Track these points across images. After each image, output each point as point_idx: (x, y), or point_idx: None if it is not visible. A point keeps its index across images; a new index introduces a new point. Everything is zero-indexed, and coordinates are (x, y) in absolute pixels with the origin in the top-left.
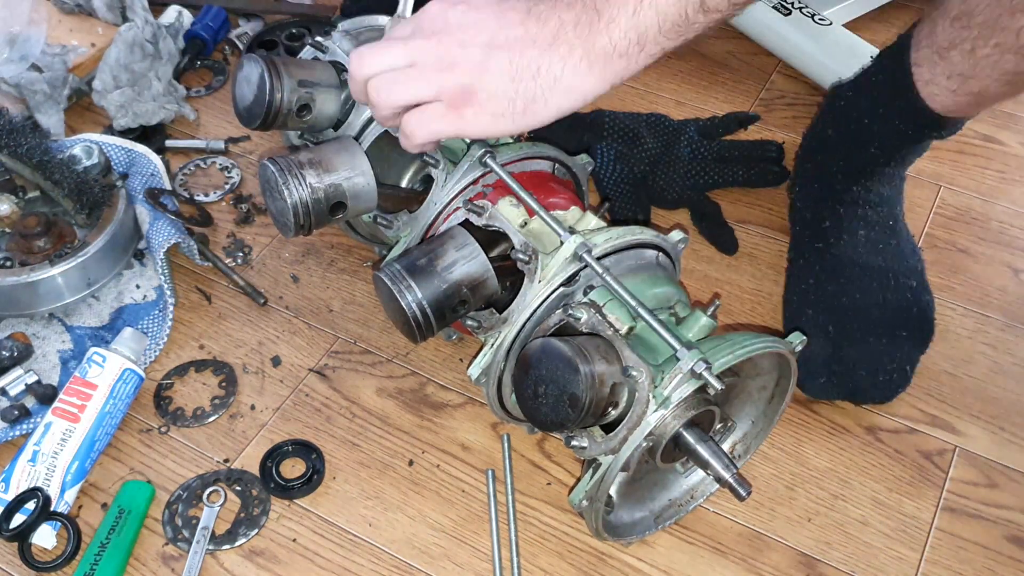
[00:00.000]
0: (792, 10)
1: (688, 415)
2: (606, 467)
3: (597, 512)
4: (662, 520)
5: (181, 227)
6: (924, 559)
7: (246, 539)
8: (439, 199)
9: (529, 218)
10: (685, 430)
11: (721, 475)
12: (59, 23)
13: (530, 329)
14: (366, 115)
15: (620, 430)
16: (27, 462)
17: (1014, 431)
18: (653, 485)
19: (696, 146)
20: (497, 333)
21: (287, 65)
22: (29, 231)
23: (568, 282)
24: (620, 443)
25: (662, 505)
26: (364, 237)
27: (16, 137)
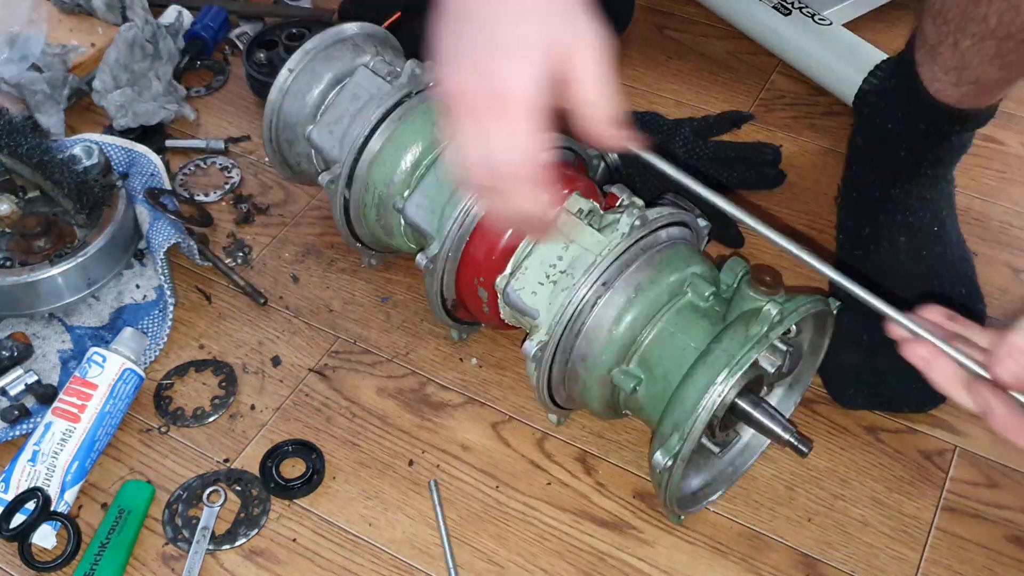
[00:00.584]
0: (792, 10)
1: (744, 381)
2: (690, 425)
3: (677, 475)
4: (700, 498)
5: (181, 227)
6: (924, 559)
7: (246, 539)
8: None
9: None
10: (739, 398)
11: (780, 435)
12: (59, 23)
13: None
14: None
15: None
16: (27, 462)
17: None
18: (690, 466)
19: (691, 146)
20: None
21: None
22: (29, 231)
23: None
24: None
25: (700, 483)
26: (363, 244)
27: (16, 137)
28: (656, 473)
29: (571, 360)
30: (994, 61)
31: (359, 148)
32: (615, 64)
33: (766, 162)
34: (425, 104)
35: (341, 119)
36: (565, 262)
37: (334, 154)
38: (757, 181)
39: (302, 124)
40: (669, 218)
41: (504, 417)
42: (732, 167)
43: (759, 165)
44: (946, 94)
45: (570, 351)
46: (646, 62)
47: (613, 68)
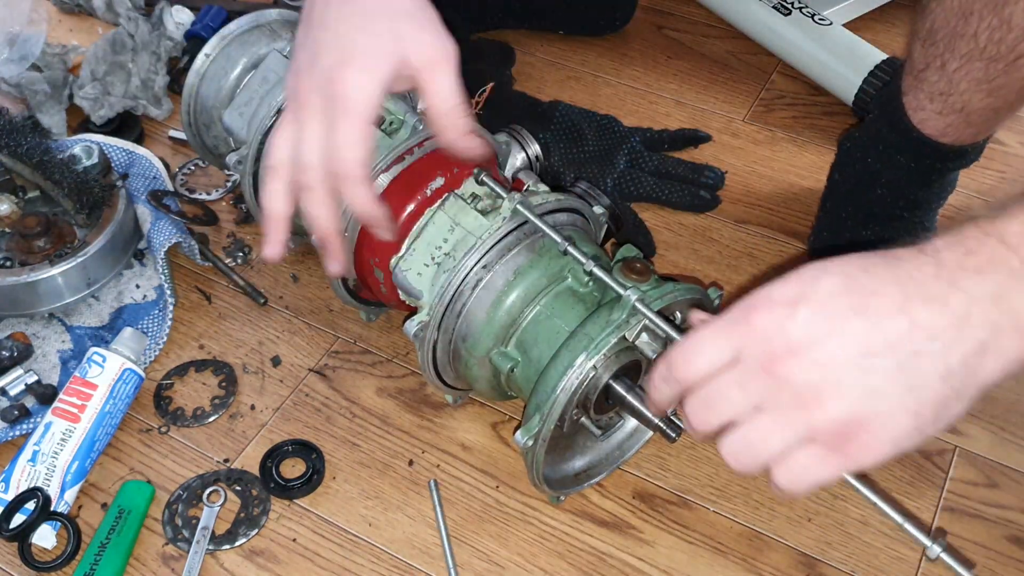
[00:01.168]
0: (792, 10)
1: (615, 365)
2: (549, 407)
3: (540, 456)
4: (581, 481)
5: (182, 227)
6: (924, 559)
7: (246, 539)
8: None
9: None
10: (615, 381)
11: (651, 419)
12: (59, 23)
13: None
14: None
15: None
16: (27, 462)
17: (1014, 431)
18: (572, 449)
19: (635, 156)
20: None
21: None
22: (29, 231)
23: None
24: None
25: (579, 467)
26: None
27: (16, 137)
28: (521, 453)
29: (453, 340)
30: (981, 85)
31: (265, 129)
32: (618, 65)
33: (704, 185)
34: None
35: (251, 102)
36: (449, 244)
37: (243, 135)
38: (688, 202)
39: (217, 108)
40: (555, 204)
41: (504, 417)
42: (669, 183)
43: (696, 186)
44: (930, 125)
45: (452, 331)
46: (646, 62)
47: (460, 79)
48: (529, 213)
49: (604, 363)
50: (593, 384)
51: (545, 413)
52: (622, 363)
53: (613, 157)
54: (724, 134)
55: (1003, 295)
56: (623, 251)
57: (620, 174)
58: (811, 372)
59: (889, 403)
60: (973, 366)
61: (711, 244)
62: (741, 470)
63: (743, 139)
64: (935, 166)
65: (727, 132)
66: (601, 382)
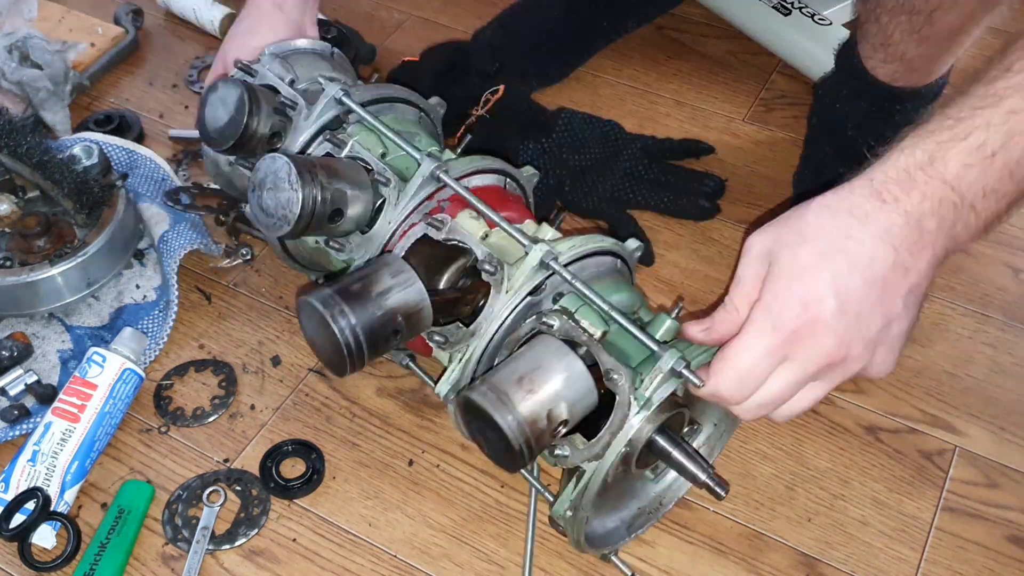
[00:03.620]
0: (792, 10)
1: (662, 418)
2: (591, 474)
3: (580, 522)
4: (634, 528)
5: (202, 228)
6: (924, 559)
7: (246, 539)
8: (393, 217)
9: (489, 230)
10: (658, 434)
11: (698, 476)
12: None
13: (499, 340)
14: (303, 138)
15: (603, 435)
16: (27, 462)
17: (1014, 431)
18: (622, 494)
19: (635, 163)
20: (465, 347)
21: (265, 93)
22: (29, 231)
23: (535, 291)
24: (603, 448)
25: (632, 514)
26: (300, 264)
27: (16, 137)
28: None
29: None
30: (911, 35)
31: None
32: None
33: (704, 194)
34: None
35: None
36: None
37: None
38: (687, 210)
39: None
40: (587, 249)
41: None
42: (667, 191)
43: (695, 195)
44: (880, 72)
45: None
46: (646, 62)
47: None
48: (559, 268)
49: (651, 418)
50: (639, 437)
51: (588, 478)
52: (668, 415)
53: (613, 164)
54: (724, 134)
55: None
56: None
57: (619, 181)
58: (838, 350)
59: (888, 356)
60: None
61: (711, 244)
62: (754, 418)
63: (743, 139)
64: (894, 107)
65: (727, 132)
66: (645, 437)
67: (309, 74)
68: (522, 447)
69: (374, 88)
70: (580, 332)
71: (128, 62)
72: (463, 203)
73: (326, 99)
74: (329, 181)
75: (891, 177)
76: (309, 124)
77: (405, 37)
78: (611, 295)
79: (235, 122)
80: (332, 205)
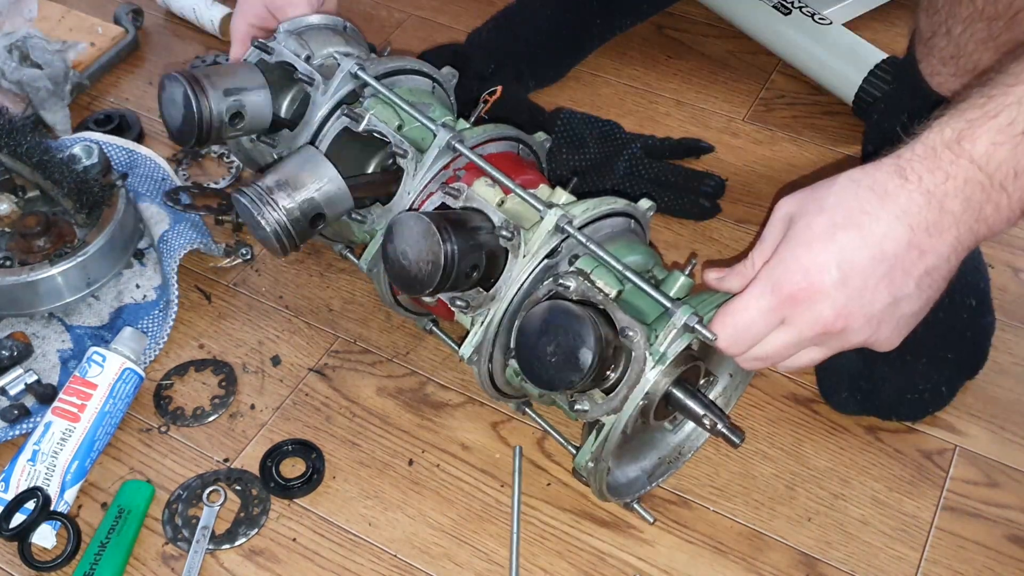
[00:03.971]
0: (792, 9)
1: (678, 371)
2: (610, 426)
3: (602, 473)
4: (655, 478)
5: (202, 228)
6: (924, 558)
7: (246, 539)
8: (412, 188)
9: (505, 196)
10: (675, 387)
11: (716, 425)
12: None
13: (519, 303)
14: (321, 112)
15: (620, 389)
16: (27, 462)
17: (1014, 430)
18: (643, 445)
19: (635, 163)
20: (485, 311)
21: (209, 77)
22: (29, 231)
23: (551, 254)
24: (621, 402)
25: (653, 463)
26: (327, 237)
27: (16, 136)
28: (584, 475)
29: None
30: (987, 44)
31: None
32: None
33: (704, 193)
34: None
35: None
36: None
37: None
38: (688, 210)
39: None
40: (601, 211)
41: (504, 417)
42: (668, 191)
43: (696, 194)
44: (947, 87)
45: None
46: (646, 62)
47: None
48: (573, 231)
49: (667, 371)
50: (655, 390)
51: (608, 430)
52: (683, 368)
53: (612, 164)
54: (724, 134)
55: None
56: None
57: (619, 181)
58: (839, 321)
59: (892, 330)
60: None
61: (711, 244)
62: (754, 369)
63: (743, 139)
64: None
65: (727, 132)
66: (662, 390)
67: (323, 49)
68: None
69: (387, 61)
70: (596, 292)
71: (128, 62)
72: (479, 171)
73: (342, 74)
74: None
75: (917, 155)
76: (327, 99)
77: (405, 36)
78: (625, 255)
79: (188, 119)
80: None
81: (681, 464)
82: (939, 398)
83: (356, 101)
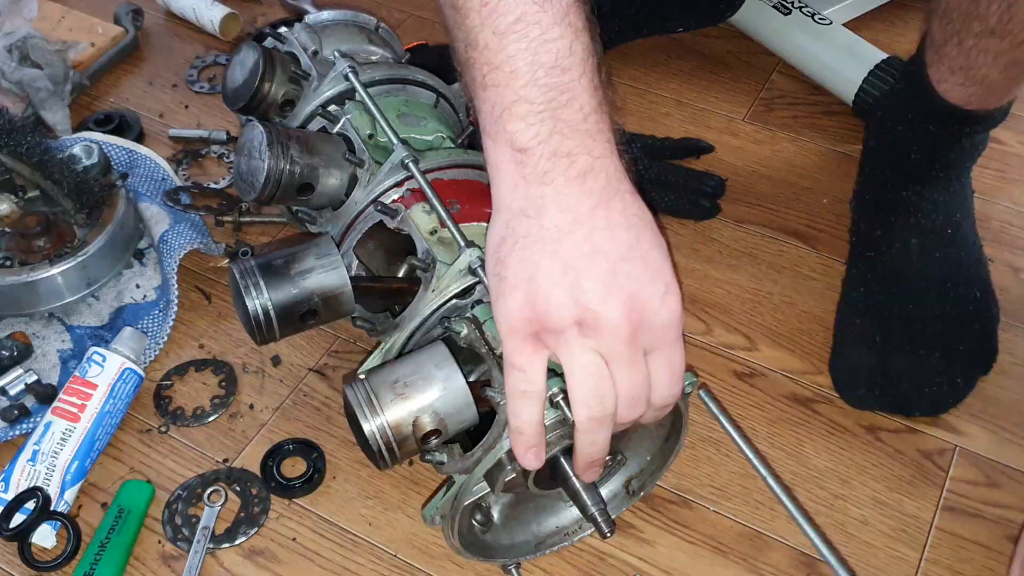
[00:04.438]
0: (792, 9)
1: (564, 443)
2: (458, 486)
3: (452, 529)
4: (544, 547)
5: (202, 228)
6: (924, 558)
7: (246, 538)
8: (360, 198)
9: (439, 227)
10: (563, 456)
11: (587, 508)
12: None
13: (419, 337)
14: (307, 110)
15: (476, 451)
16: (27, 461)
17: (1014, 431)
18: (541, 509)
19: (635, 163)
20: (388, 337)
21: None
22: (29, 231)
23: (463, 294)
24: (474, 464)
25: (548, 531)
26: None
27: (16, 136)
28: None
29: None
30: (997, 60)
31: None
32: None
33: (704, 193)
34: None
35: None
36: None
37: None
38: (688, 210)
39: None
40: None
41: None
42: (667, 191)
43: (695, 194)
44: (954, 95)
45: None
46: (646, 62)
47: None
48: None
49: (550, 439)
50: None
51: (456, 489)
52: (569, 442)
53: None
54: (724, 134)
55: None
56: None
57: None
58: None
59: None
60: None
61: (711, 244)
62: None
63: (743, 139)
64: (964, 130)
65: (727, 132)
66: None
67: (337, 46)
68: (381, 449)
69: (388, 68)
70: (482, 344)
71: (128, 62)
72: (423, 195)
73: (334, 74)
74: (301, 155)
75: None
76: (315, 97)
77: (405, 36)
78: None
79: (248, 84)
80: (301, 179)
81: (579, 537)
82: (957, 390)
83: (344, 103)
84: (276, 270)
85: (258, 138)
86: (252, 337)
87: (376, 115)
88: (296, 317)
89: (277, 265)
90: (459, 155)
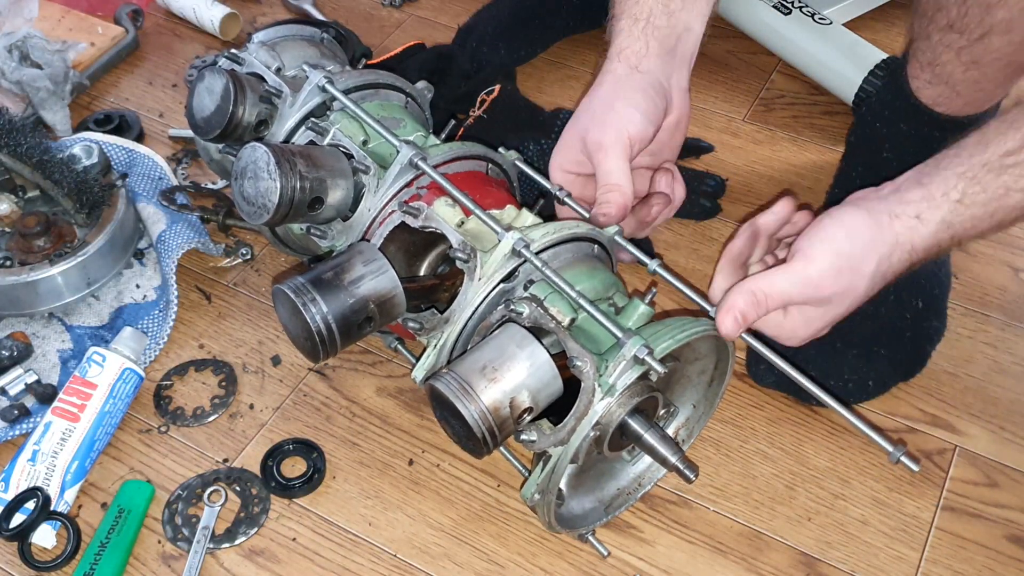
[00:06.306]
0: (792, 9)
1: (633, 402)
2: (556, 458)
3: (549, 505)
4: (612, 509)
5: (199, 227)
6: (924, 558)
7: (246, 538)
8: (373, 205)
9: (465, 217)
10: (630, 417)
11: (668, 459)
12: (59, 22)
13: (472, 327)
14: (288, 125)
15: (568, 421)
16: (27, 461)
17: (1014, 431)
18: (601, 475)
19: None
20: (439, 333)
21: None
22: (29, 230)
23: (508, 278)
24: (568, 433)
25: (611, 494)
26: (294, 249)
27: (16, 136)
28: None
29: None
30: (960, 57)
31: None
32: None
33: (704, 193)
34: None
35: None
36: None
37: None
38: (688, 210)
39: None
40: (562, 236)
41: None
42: None
43: (696, 195)
44: (924, 94)
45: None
46: None
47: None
48: (530, 255)
49: (620, 401)
50: (608, 421)
51: (554, 462)
52: (639, 399)
53: None
54: (724, 134)
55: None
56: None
57: None
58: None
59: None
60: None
61: (711, 244)
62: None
63: (743, 139)
64: (933, 134)
65: (727, 132)
66: (615, 421)
67: (296, 61)
68: (484, 435)
69: (359, 75)
70: (548, 319)
71: (128, 62)
72: (441, 190)
73: (310, 87)
74: (308, 169)
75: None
76: (293, 112)
77: (405, 37)
78: (582, 282)
79: (221, 111)
80: (311, 194)
81: (641, 494)
82: (863, 391)
83: (324, 115)
84: (328, 283)
85: (263, 158)
86: (311, 355)
87: (368, 121)
88: (355, 326)
89: (328, 278)
90: (457, 148)
